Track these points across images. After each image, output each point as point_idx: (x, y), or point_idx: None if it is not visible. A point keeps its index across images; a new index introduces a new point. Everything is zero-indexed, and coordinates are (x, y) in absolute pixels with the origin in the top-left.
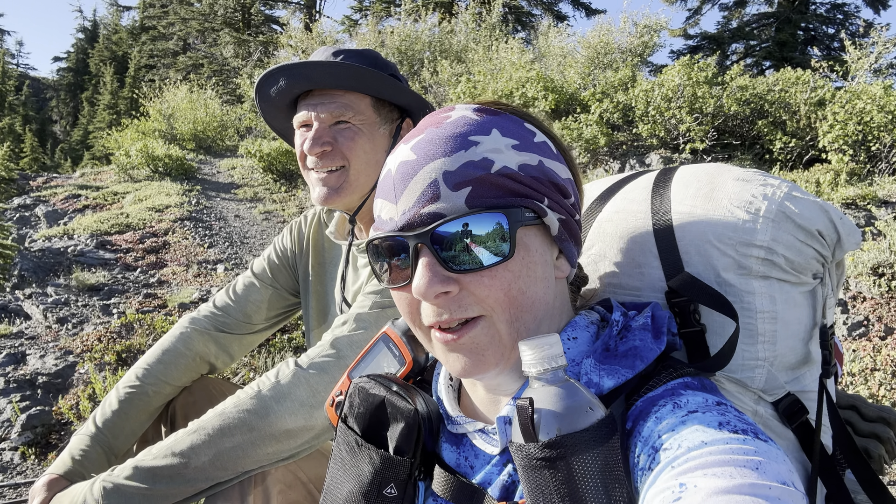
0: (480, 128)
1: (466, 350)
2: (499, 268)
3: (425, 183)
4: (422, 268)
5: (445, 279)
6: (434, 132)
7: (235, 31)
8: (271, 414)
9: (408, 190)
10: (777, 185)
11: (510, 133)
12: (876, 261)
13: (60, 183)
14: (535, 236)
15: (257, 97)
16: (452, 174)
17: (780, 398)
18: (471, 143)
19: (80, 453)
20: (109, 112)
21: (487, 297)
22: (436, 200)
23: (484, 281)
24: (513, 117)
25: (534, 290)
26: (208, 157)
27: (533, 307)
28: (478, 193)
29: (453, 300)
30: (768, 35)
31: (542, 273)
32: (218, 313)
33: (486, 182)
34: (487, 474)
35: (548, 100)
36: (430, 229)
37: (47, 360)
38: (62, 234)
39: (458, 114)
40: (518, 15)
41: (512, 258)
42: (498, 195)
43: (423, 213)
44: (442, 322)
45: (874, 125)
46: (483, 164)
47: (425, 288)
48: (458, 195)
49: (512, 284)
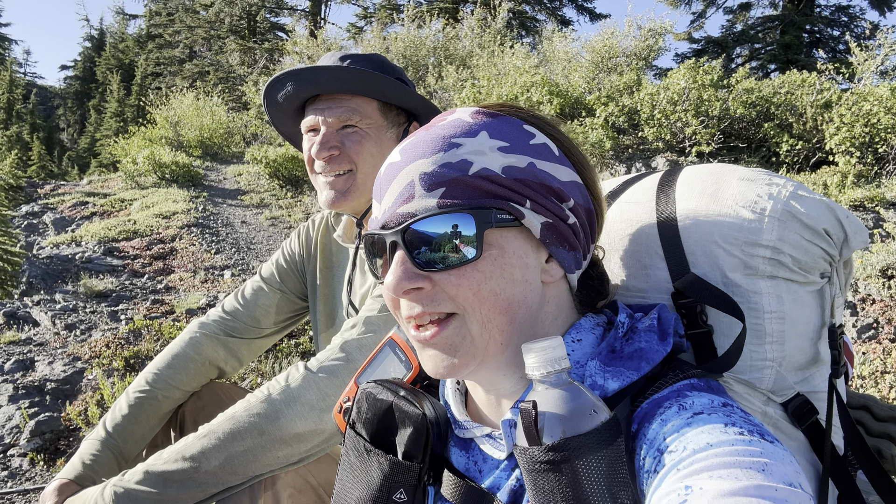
0: (468, 130)
1: (440, 348)
2: (467, 268)
3: (403, 183)
4: (394, 265)
5: (415, 276)
6: (422, 135)
7: (241, 38)
8: (281, 417)
9: (389, 190)
10: (782, 184)
11: (501, 135)
12: (885, 263)
13: (68, 190)
14: (515, 238)
15: (265, 103)
16: (428, 175)
17: (790, 399)
18: (452, 146)
19: (90, 458)
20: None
21: (457, 296)
22: (410, 200)
23: (452, 280)
24: (512, 119)
25: (510, 293)
26: (215, 163)
27: (509, 310)
28: (451, 194)
29: (426, 295)
30: (773, 38)
31: (521, 276)
32: (227, 318)
33: (461, 183)
34: (496, 479)
35: (553, 104)
36: (402, 228)
37: (56, 366)
38: (70, 241)
39: (453, 117)
40: (523, 20)
41: (480, 259)
42: (471, 196)
43: (399, 213)
44: (415, 315)
45: (881, 127)
46: (460, 166)
47: (395, 284)
48: (432, 195)
49: (482, 285)
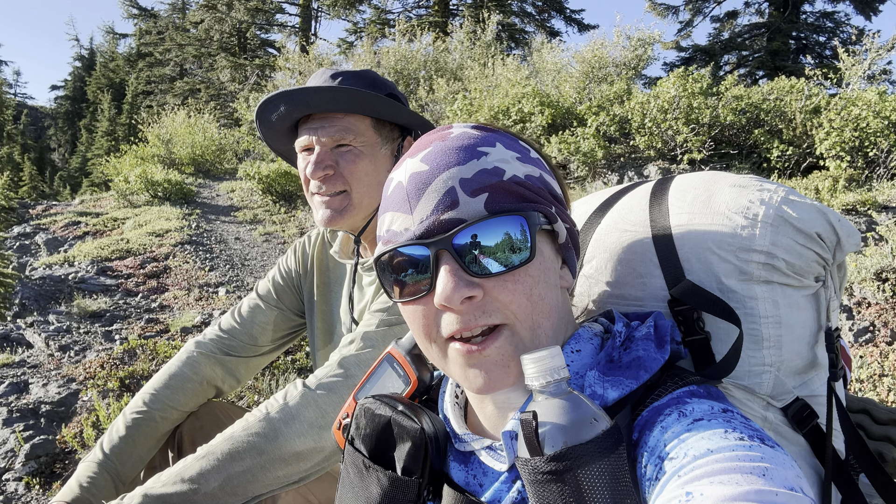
0: (485, 141)
1: (491, 362)
2: (520, 272)
3: (442, 190)
4: (445, 274)
5: (470, 284)
6: (441, 145)
7: (232, 55)
8: (280, 436)
9: (424, 198)
10: (774, 189)
11: (511, 147)
12: (879, 266)
13: (60, 210)
14: (546, 243)
15: (258, 123)
16: (469, 181)
17: (789, 403)
18: (481, 153)
19: (87, 480)
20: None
21: (511, 302)
22: (455, 207)
23: (507, 285)
24: (508, 134)
25: (551, 297)
26: (207, 180)
27: (551, 314)
28: (495, 199)
29: (477, 306)
30: (760, 45)
31: (554, 280)
32: (224, 336)
33: (501, 188)
34: (497, 492)
35: (544, 114)
36: (452, 234)
37: (50, 388)
38: (63, 262)
39: (458, 130)
40: (512, 32)
41: (532, 261)
42: (514, 200)
43: (443, 220)
44: (464, 330)
45: (870, 131)
46: (496, 172)
47: (451, 292)
48: (477, 201)
49: (533, 289)
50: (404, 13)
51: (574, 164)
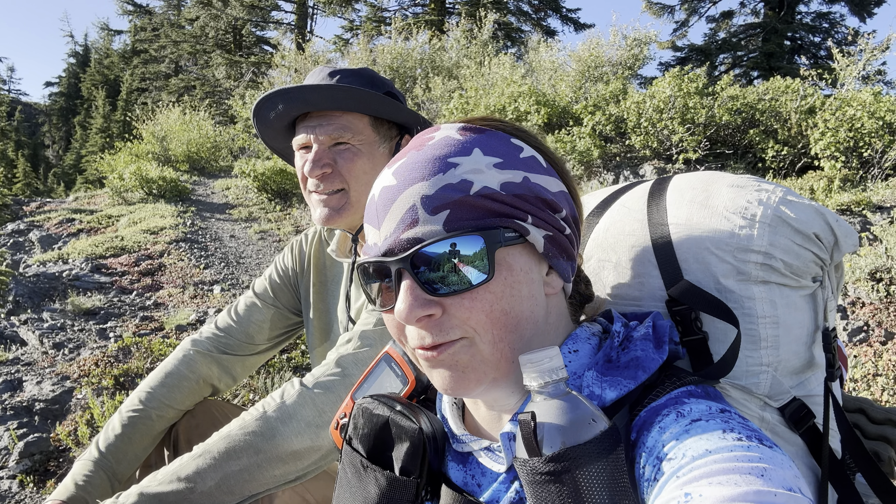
0: (461, 148)
1: (447, 366)
2: (479, 290)
3: (404, 208)
4: (403, 292)
5: (427, 303)
6: (415, 156)
7: (227, 52)
8: (277, 435)
9: (388, 215)
10: (772, 189)
11: (493, 151)
12: (873, 266)
13: (54, 207)
14: (520, 255)
15: (255, 120)
16: (430, 198)
17: (787, 403)
18: (450, 166)
19: (83, 479)
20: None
21: (469, 319)
22: (414, 225)
23: (465, 303)
24: (499, 134)
25: (519, 310)
26: (202, 177)
27: (518, 326)
28: (456, 216)
29: (435, 324)
30: (755, 45)
31: (528, 291)
32: (220, 335)
33: (465, 204)
34: (495, 492)
35: (540, 114)
36: (410, 254)
37: (44, 386)
38: (57, 259)
39: (441, 134)
40: (508, 31)
41: (492, 280)
42: (477, 217)
43: (403, 239)
44: (426, 346)
45: (865, 131)
46: (461, 187)
47: (407, 312)
48: (437, 219)
49: (494, 305)
50: (400, 11)
51: (570, 164)
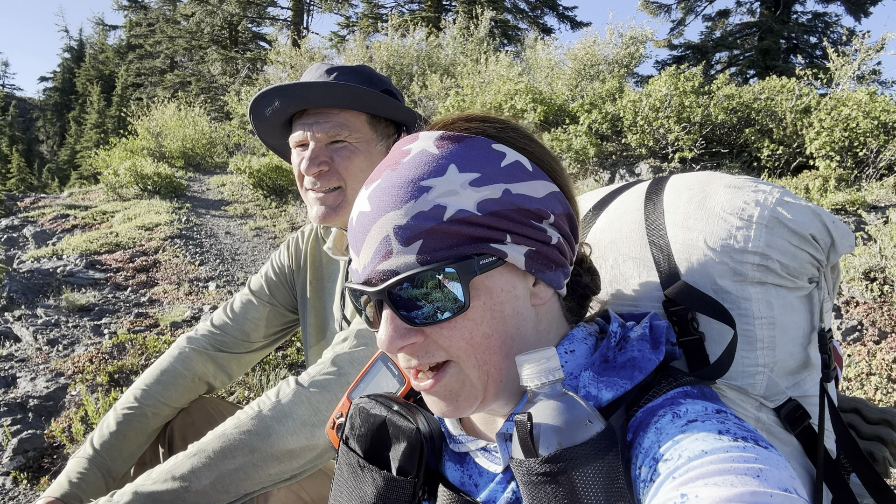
0: (436, 167)
1: (441, 396)
2: (457, 319)
3: (379, 239)
4: (384, 323)
5: (407, 332)
6: (389, 177)
7: (223, 48)
8: (273, 434)
9: (364, 245)
10: (769, 190)
11: (470, 165)
12: (867, 265)
13: (48, 203)
14: (500, 276)
15: (252, 117)
16: (403, 228)
17: (782, 404)
18: (423, 190)
19: (77, 476)
20: (97, 131)
21: (450, 346)
22: (389, 256)
23: (444, 332)
24: (480, 141)
25: (502, 330)
26: (197, 174)
27: (503, 346)
28: (429, 246)
29: (420, 348)
30: (751, 44)
31: (511, 310)
32: (216, 332)
33: (438, 232)
34: (492, 492)
35: (537, 112)
36: (386, 287)
37: (38, 382)
38: (51, 255)
39: (417, 147)
40: (505, 29)
41: (469, 308)
42: (451, 245)
43: (379, 271)
44: (412, 367)
45: (860, 131)
46: (434, 214)
47: (388, 343)
48: (410, 250)
49: (474, 331)
50: (397, 8)
51: (566, 162)
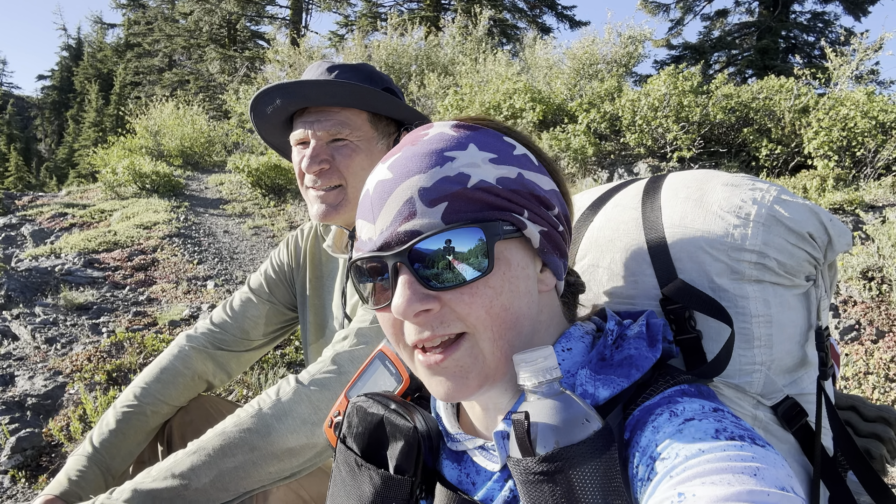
0: (457, 143)
1: (450, 373)
2: (479, 284)
3: (401, 201)
4: (401, 287)
5: (425, 297)
6: (410, 150)
7: (221, 47)
8: (273, 432)
9: (384, 209)
10: (766, 189)
11: (488, 147)
12: (865, 265)
13: (46, 201)
14: (517, 250)
15: (252, 115)
16: (428, 190)
17: (779, 402)
18: (447, 159)
19: (76, 474)
20: (95, 130)
21: (469, 315)
22: (412, 218)
23: (464, 298)
24: (491, 131)
25: (517, 306)
26: (196, 172)
27: (517, 323)
28: (454, 209)
29: (435, 317)
30: (750, 44)
31: (524, 288)
32: (215, 330)
33: (463, 197)
34: (489, 491)
35: (535, 111)
36: (408, 247)
37: (36, 381)
38: (49, 253)
39: (435, 131)
40: (503, 28)
41: (492, 273)
42: (475, 209)
43: (400, 232)
44: (424, 340)
45: (858, 131)
46: (459, 179)
47: (405, 307)
48: (435, 211)
49: (493, 301)
50: (396, 7)
51: (564, 161)
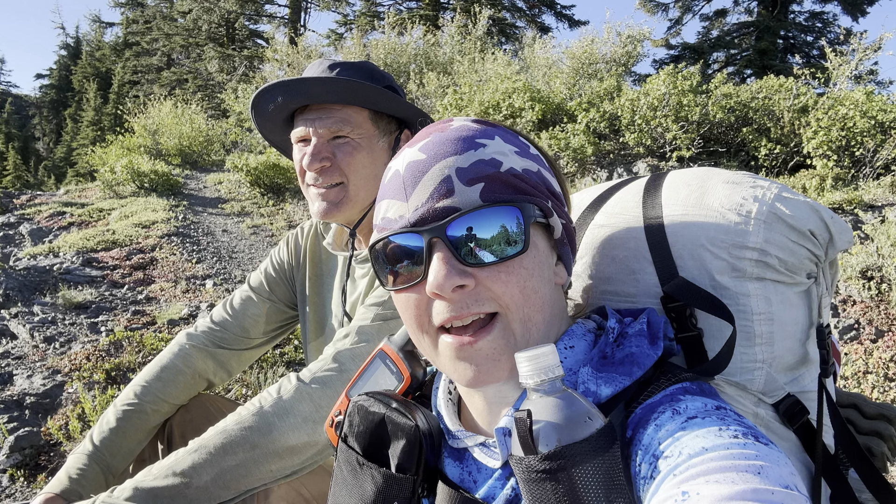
0: (484, 133)
1: (482, 356)
2: (514, 263)
3: (438, 178)
4: (438, 262)
5: (462, 273)
6: (440, 136)
7: (220, 45)
8: (274, 430)
9: (420, 186)
10: (767, 186)
11: (510, 141)
12: (864, 264)
13: (45, 200)
14: (541, 238)
15: (253, 112)
16: (465, 170)
17: (781, 400)
18: (479, 145)
19: (77, 472)
20: (93, 128)
21: (504, 294)
22: (450, 195)
23: (501, 276)
24: (508, 130)
25: (544, 291)
26: (194, 171)
27: (543, 307)
28: (491, 189)
29: (470, 294)
30: (748, 44)
31: (548, 274)
32: (216, 329)
33: (498, 179)
34: (491, 488)
35: (535, 110)
36: (446, 222)
37: (35, 380)
38: (47, 252)
39: (458, 123)
40: (502, 27)
41: (526, 253)
42: (509, 192)
43: (438, 208)
44: (455, 318)
45: (857, 130)
46: (493, 163)
47: (443, 280)
48: (472, 190)
49: (527, 281)
50: (394, 6)
51: (564, 161)
